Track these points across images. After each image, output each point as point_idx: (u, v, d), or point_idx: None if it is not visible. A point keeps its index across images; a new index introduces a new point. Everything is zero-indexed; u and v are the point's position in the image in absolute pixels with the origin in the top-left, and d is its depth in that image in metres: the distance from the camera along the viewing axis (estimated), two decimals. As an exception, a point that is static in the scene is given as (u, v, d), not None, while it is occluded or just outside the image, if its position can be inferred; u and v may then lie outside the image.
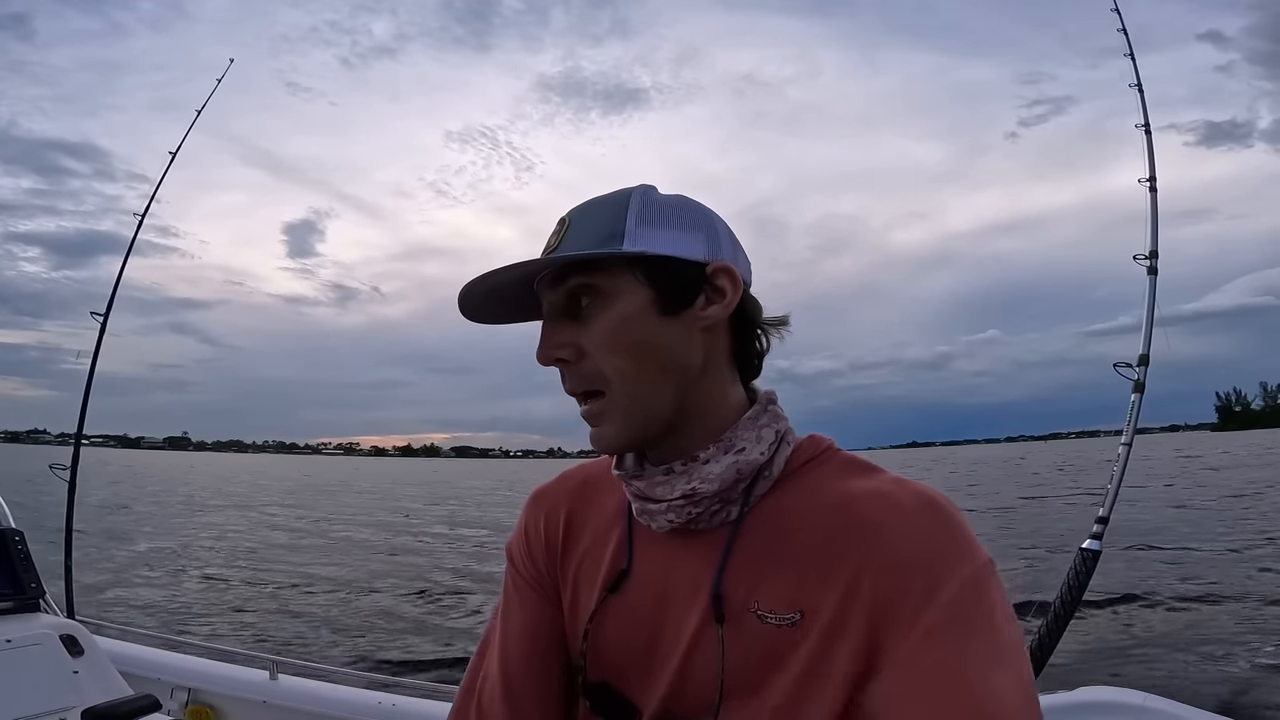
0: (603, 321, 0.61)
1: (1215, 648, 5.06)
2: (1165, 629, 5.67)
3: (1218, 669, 4.66)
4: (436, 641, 6.33)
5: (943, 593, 0.52)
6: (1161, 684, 4.31)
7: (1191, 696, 3.51)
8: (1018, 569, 8.15)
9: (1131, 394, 2.22)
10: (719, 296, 0.63)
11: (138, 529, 13.71)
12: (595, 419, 0.63)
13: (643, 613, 0.65)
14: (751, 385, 0.69)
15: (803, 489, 0.62)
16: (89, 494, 19.63)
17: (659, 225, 0.63)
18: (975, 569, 0.54)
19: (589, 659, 0.67)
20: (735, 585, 0.60)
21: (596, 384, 0.62)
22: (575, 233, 0.63)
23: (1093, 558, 2.05)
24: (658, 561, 0.65)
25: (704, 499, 0.61)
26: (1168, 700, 1.68)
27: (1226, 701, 4.00)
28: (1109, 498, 2.13)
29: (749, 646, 0.58)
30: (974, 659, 0.50)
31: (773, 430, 0.64)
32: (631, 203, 0.63)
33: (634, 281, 0.61)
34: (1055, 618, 2.02)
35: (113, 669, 1.69)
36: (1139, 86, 2.93)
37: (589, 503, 0.74)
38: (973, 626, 0.52)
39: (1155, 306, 2.32)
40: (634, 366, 0.61)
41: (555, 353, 0.63)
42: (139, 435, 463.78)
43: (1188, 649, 5.08)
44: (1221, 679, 4.49)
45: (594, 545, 0.71)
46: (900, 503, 0.58)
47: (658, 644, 0.64)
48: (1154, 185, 2.57)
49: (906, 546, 0.55)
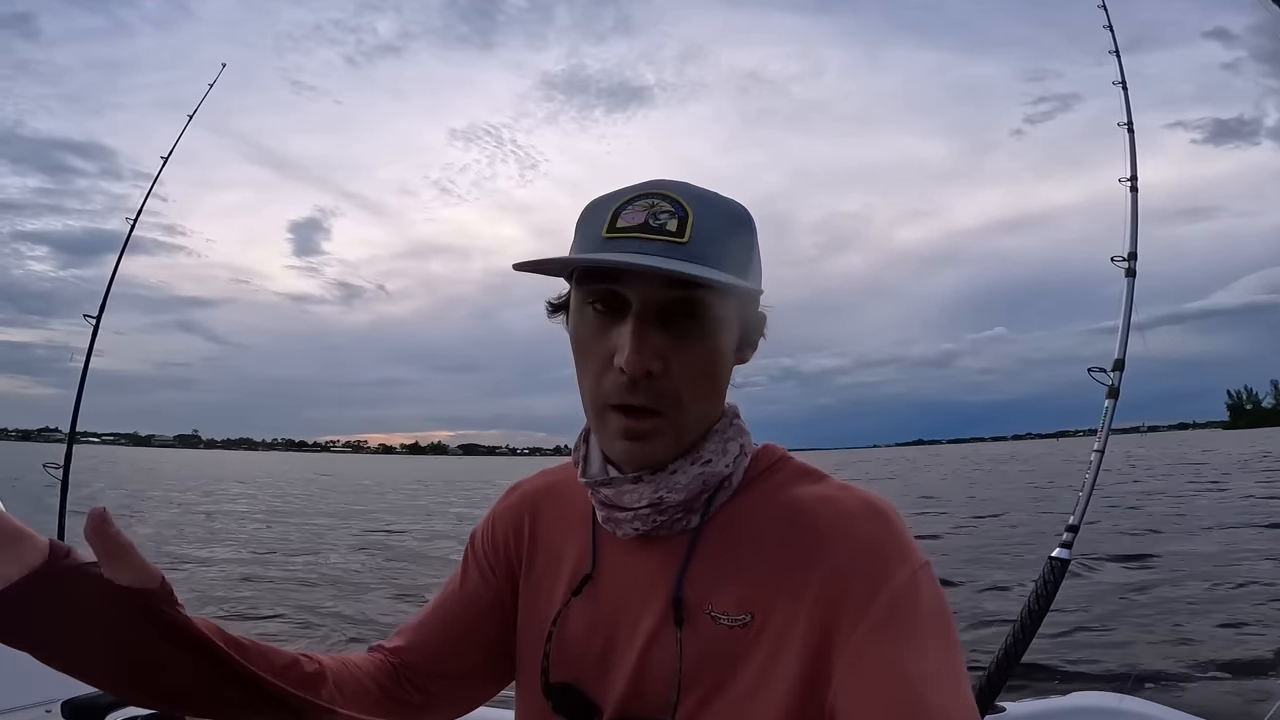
0: (705, 347, 0.60)
1: (1197, 650, 5.03)
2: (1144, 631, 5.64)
3: (1197, 670, 4.63)
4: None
5: (883, 592, 0.55)
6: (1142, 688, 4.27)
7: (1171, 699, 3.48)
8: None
9: (1105, 399, 2.18)
10: (755, 342, 0.67)
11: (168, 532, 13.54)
12: (644, 435, 0.60)
13: (604, 615, 0.66)
14: None
15: (758, 497, 0.65)
16: (105, 496, 19.75)
17: (760, 262, 0.64)
18: (913, 570, 0.57)
19: (552, 659, 0.68)
20: (692, 589, 0.62)
21: (666, 405, 0.59)
22: (708, 235, 0.58)
23: (1061, 566, 2.02)
24: (620, 566, 0.67)
25: (669, 508, 0.63)
26: (1147, 702, 1.66)
27: (1205, 703, 3.96)
28: (1079, 506, 2.09)
29: (704, 647, 0.60)
30: (912, 655, 0.52)
31: (737, 444, 0.66)
32: (755, 234, 0.63)
33: (734, 316, 0.62)
34: (1022, 626, 2.00)
35: None
36: (1123, 84, 2.88)
37: (558, 505, 0.75)
38: (910, 624, 0.54)
39: (1133, 310, 2.28)
40: (708, 395, 0.62)
41: (653, 364, 0.58)
42: (149, 433, 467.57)
43: (1170, 652, 5.05)
44: (1200, 680, 4.46)
45: (558, 547, 0.73)
46: (845, 508, 0.61)
47: (616, 645, 0.65)
48: (1134, 185, 2.52)
49: (850, 549, 0.58)
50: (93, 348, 3.42)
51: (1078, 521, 2.08)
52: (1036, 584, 2.05)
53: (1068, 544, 2.06)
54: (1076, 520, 2.08)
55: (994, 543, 10.69)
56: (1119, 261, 2.35)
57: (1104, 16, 3.09)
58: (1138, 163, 2.60)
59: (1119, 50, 3.02)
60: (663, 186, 0.60)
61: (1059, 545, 2.07)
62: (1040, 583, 2.03)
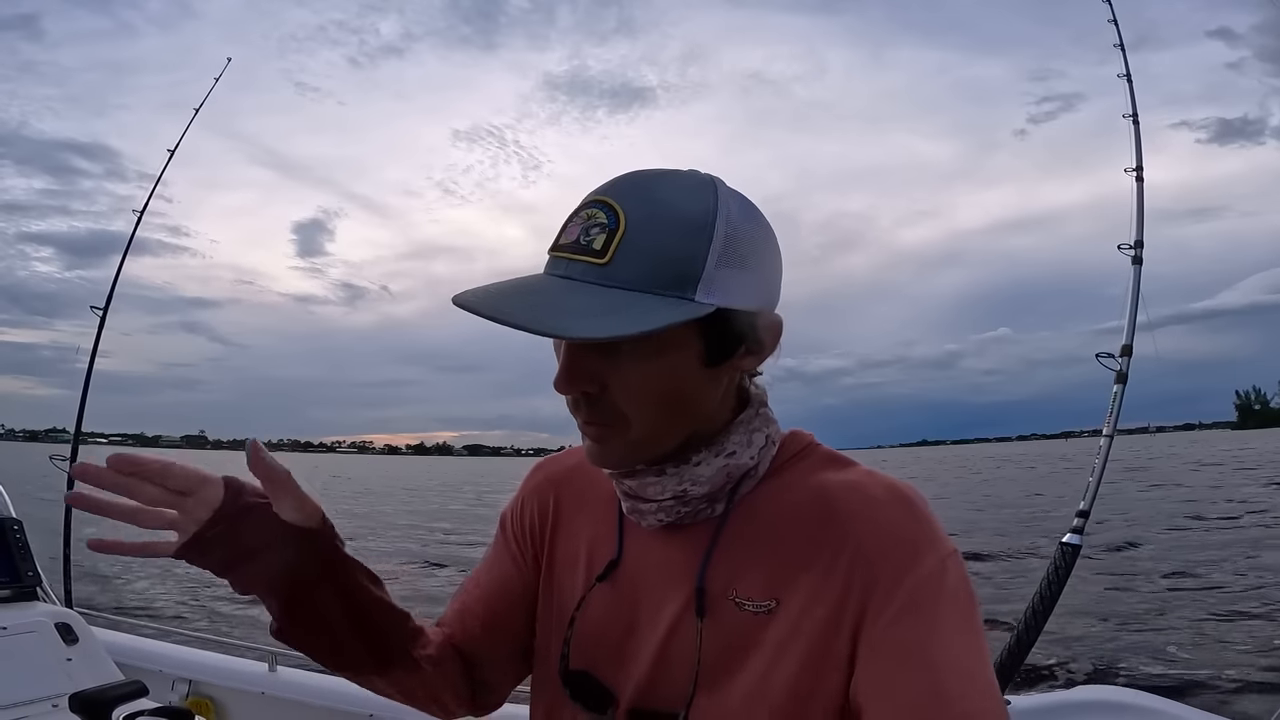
0: (642, 367, 0.56)
1: (1211, 646, 5.00)
2: (1162, 626, 5.60)
3: (1212, 667, 4.60)
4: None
5: (909, 578, 0.55)
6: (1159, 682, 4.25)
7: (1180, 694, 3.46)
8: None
9: (1114, 385, 2.19)
10: (757, 349, 0.60)
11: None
12: (601, 439, 0.60)
13: (625, 603, 0.66)
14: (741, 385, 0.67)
15: (784, 484, 0.64)
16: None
17: (735, 266, 0.55)
18: (941, 557, 0.56)
19: (572, 645, 0.67)
20: (717, 576, 0.61)
21: (612, 421, 0.59)
22: (635, 249, 0.53)
23: (1073, 552, 2.03)
24: (644, 553, 0.66)
25: (693, 499, 0.62)
26: (1155, 696, 1.66)
27: (1221, 699, 3.94)
28: (1089, 491, 2.10)
29: (725, 633, 0.60)
30: (937, 643, 0.52)
31: (763, 434, 0.64)
32: (716, 230, 0.54)
33: (689, 332, 0.55)
34: (1034, 613, 2.00)
35: (107, 657, 1.71)
36: (1128, 77, 2.90)
37: (582, 486, 0.74)
38: (937, 610, 0.54)
39: (1140, 296, 2.30)
40: (661, 416, 0.58)
41: (583, 387, 0.57)
42: (156, 434, 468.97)
43: (1183, 646, 5.02)
44: (1216, 677, 4.43)
45: (583, 530, 0.72)
46: (872, 494, 0.60)
47: (636, 632, 0.65)
48: (1140, 175, 2.54)
49: (877, 535, 0.57)
50: (98, 343, 3.41)
51: (1088, 507, 2.09)
52: (1048, 570, 2.05)
53: (1079, 530, 2.07)
54: (1087, 506, 2.09)
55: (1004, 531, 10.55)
56: (1126, 249, 2.37)
57: (1108, 13, 3.11)
58: (1143, 154, 2.63)
59: (1124, 44, 3.04)
60: (614, 188, 0.56)
61: (1070, 531, 2.08)
62: (1052, 568, 2.04)
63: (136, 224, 3.70)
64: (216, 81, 3.97)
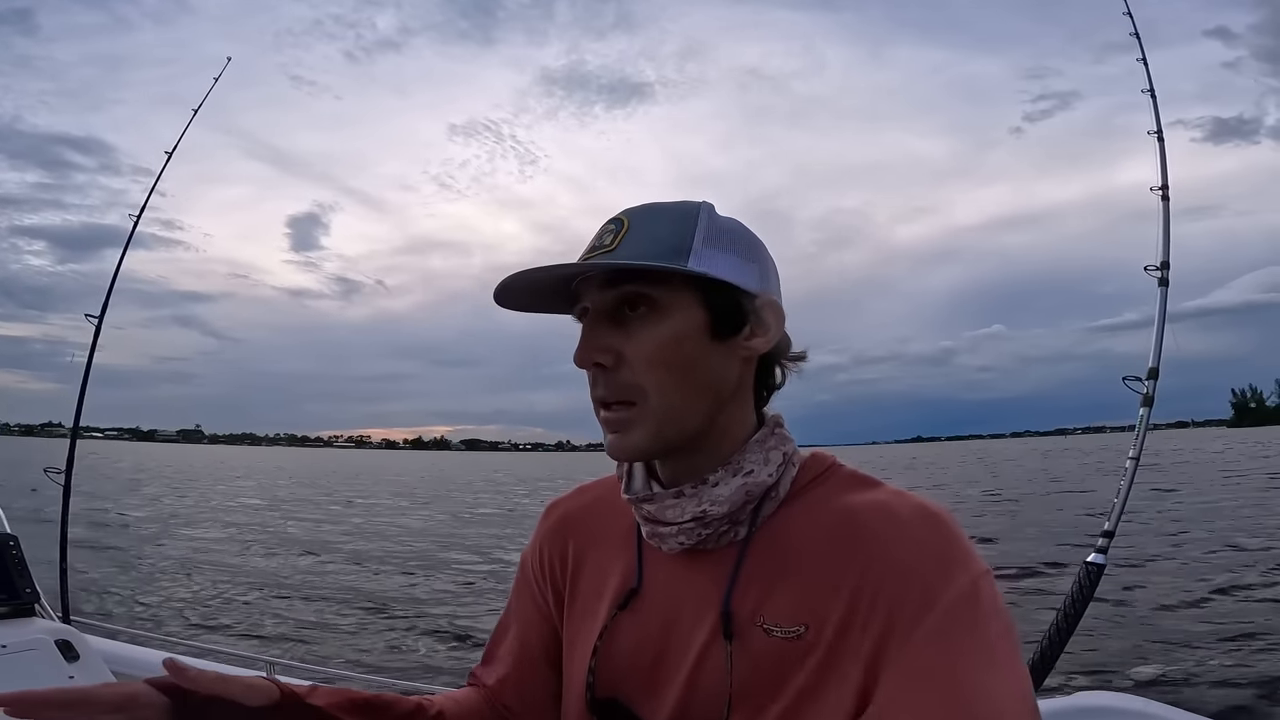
0: (653, 334, 0.62)
1: (1215, 653, 5.04)
2: (1163, 631, 5.65)
3: (1218, 675, 4.64)
4: (441, 641, 6.38)
5: (941, 600, 0.54)
6: (1161, 689, 4.30)
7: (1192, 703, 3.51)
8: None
9: (1140, 408, 2.20)
10: (762, 330, 0.65)
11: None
12: (621, 426, 0.63)
13: (651, 630, 0.66)
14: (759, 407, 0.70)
15: (807, 506, 0.64)
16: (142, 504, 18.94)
17: (722, 249, 0.64)
18: (972, 578, 0.55)
19: (597, 675, 0.67)
20: (743, 601, 0.61)
21: (631, 395, 0.62)
22: (636, 237, 0.63)
23: (1096, 571, 2.05)
24: (667, 580, 0.67)
25: (714, 520, 0.63)
26: (1155, 703, 1.68)
27: (1226, 708, 3.99)
28: (1114, 512, 2.12)
29: (755, 660, 0.60)
30: (968, 664, 0.52)
31: (780, 453, 0.65)
32: (700, 219, 0.64)
33: (690, 300, 0.62)
34: (1058, 630, 2.03)
35: (108, 673, 1.69)
36: (1151, 92, 2.87)
37: (601, 522, 0.75)
38: (969, 632, 0.53)
39: (1166, 320, 2.29)
40: (676, 382, 0.62)
41: (597, 357, 0.63)
42: (151, 428, 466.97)
43: (1189, 653, 5.07)
44: (1221, 684, 4.47)
45: (603, 563, 0.72)
46: (899, 514, 0.60)
47: (665, 660, 0.65)
48: (1167, 194, 2.52)
49: (905, 556, 0.57)
50: (95, 347, 3.36)
51: (1113, 527, 2.11)
52: (1071, 589, 2.07)
53: (1103, 550, 2.09)
54: (1111, 526, 2.11)
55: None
56: (1152, 270, 2.37)
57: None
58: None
59: (1146, 58, 3.01)
60: (625, 210, 0.66)
61: (1094, 551, 2.10)
62: (1076, 587, 2.06)
63: (134, 226, 3.61)
64: (216, 81, 3.89)
